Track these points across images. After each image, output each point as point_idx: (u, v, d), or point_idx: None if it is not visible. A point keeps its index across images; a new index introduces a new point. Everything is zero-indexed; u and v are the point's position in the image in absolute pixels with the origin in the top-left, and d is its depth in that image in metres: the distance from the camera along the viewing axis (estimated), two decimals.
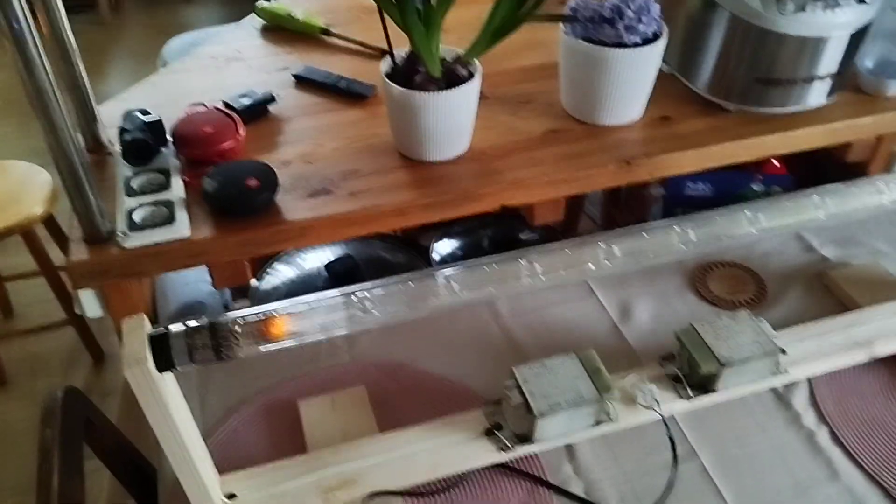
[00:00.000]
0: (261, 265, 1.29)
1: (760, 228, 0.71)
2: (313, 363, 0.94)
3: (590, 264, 0.68)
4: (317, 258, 1.30)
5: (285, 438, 0.85)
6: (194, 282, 1.14)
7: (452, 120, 1.00)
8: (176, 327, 0.61)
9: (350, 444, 0.80)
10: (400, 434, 0.81)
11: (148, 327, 0.61)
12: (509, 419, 0.81)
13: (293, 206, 0.97)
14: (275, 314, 0.63)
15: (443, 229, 1.42)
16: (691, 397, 0.83)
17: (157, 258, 0.92)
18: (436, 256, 1.37)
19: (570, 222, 1.52)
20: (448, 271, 0.66)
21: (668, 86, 1.14)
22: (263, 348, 0.62)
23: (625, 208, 1.50)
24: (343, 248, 1.30)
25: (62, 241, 1.88)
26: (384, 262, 1.32)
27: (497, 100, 1.16)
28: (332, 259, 1.24)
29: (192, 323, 0.62)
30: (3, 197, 1.75)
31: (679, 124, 1.11)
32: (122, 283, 0.97)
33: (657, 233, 0.68)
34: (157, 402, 0.60)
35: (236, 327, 0.61)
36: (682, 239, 0.70)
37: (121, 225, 0.93)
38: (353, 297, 0.65)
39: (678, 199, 1.26)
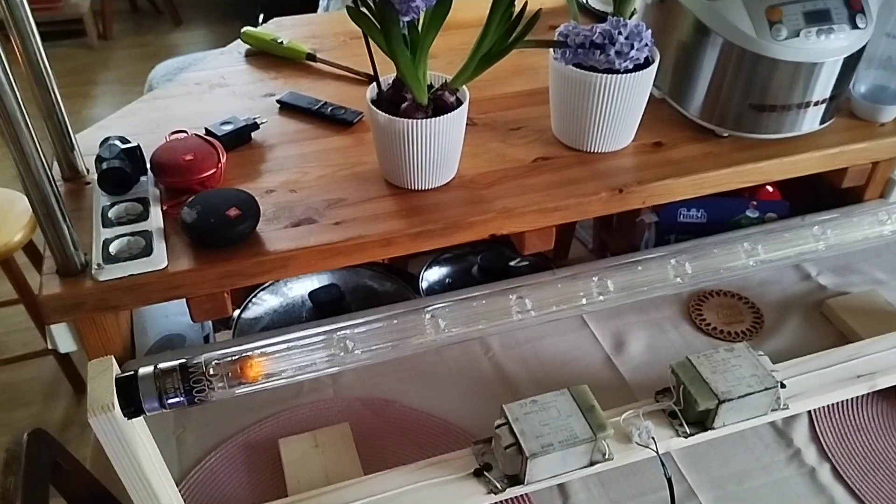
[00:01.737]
0: (244, 295, 1.26)
1: (759, 260, 0.68)
2: (296, 399, 0.90)
3: (583, 299, 0.65)
4: (302, 287, 1.27)
5: (265, 479, 0.81)
6: (174, 314, 1.10)
7: (440, 147, 0.98)
8: (145, 370, 0.58)
9: (332, 487, 0.76)
10: (385, 476, 0.77)
11: (116, 370, 0.58)
12: (499, 459, 0.77)
13: (276, 236, 0.94)
14: (251, 355, 0.59)
15: (431, 256, 1.39)
16: (688, 434, 0.80)
17: (133, 291, 0.89)
18: (424, 284, 1.34)
19: (561, 248, 1.50)
20: (434, 307, 0.63)
21: (660, 111, 1.12)
22: (238, 391, 0.59)
23: (616, 234, 1.48)
24: (328, 276, 1.27)
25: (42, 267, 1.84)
26: (371, 290, 1.29)
27: (485, 126, 1.13)
28: (317, 287, 1.21)
29: (163, 365, 0.58)
30: None
31: (671, 150, 1.09)
32: (96, 317, 0.93)
33: (652, 266, 0.66)
34: (126, 451, 0.56)
35: (209, 369, 0.58)
36: (677, 272, 0.67)
37: (96, 257, 0.89)
38: (334, 335, 0.62)
39: (671, 226, 1.24)
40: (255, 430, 0.86)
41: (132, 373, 0.57)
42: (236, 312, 1.22)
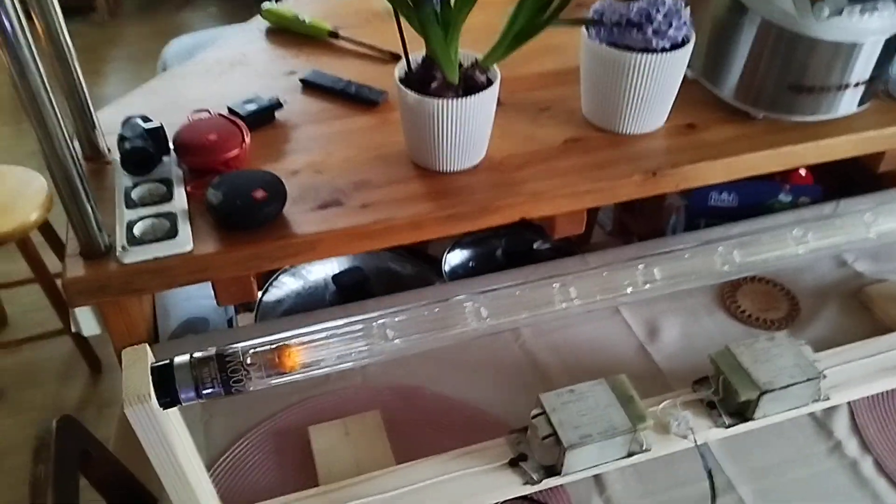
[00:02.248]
0: (265, 277, 1.24)
1: (809, 248, 0.65)
2: (324, 385, 0.89)
3: (628, 288, 0.63)
4: (324, 269, 1.25)
5: (294, 466, 0.80)
6: (197, 297, 1.09)
7: (470, 128, 0.95)
8: (181, 359, 0.56)
9: (365, 477, 0.74)
10: (418, 465, 0.76)
11: (150, 358, 0.56)
12: (535, 450, 0.76)
13: (302, 218, 0.92)
14: (289, 344, 0.58)
15: (455, 239, 1.37)
16: (728, 425, 0.78)
17: (159, 274, 0.87)
18: (447, 267, 1.32)
19: (585, 231, 1.47)
20: (476, 297, 0.61)
21: (692, 92, 1.09)
22: (276, 381, 0.57)
23: (640, 217, 1.45)
24: (351, 259, 1.25)
25: (58, 247, 1.82)
26: (394, 273, 1.27)
27: (514, 107, 1.11)
28: (340, 271, 1.19)
29: (199, 354, 0.56)
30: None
31: (705, 132, 1.06)
32: (121, 301, 0.92)
33: (700, 254, 0.63)
34: (161, 441, 0.55)
35: (247, 358, 0.56)
36: (725, 260, 0.65)
37: (120, 238, 0.88)
38: (373, 324, 0.60)
39: (701, 210, 1.21)
40: (284, 416, 0.84)
41: (167, 362, 0.56)
42: (258, 294, 1.20)
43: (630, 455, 0.75)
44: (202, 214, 0.92)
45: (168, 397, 0.55)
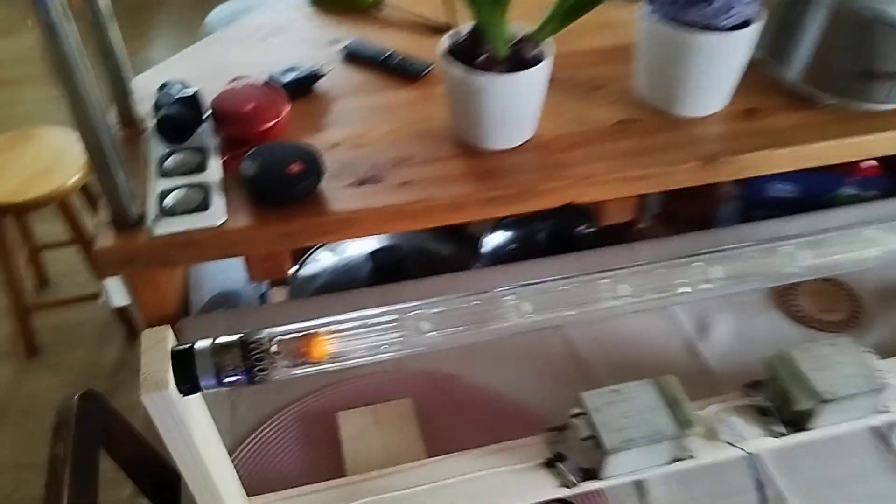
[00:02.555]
0: (302, 251, 1.21)
1: (889, 251, 0.60)
2: (355, 369, 0.85)
3: (685, 288, 0.58)
4: (361, 246, 1.22)
5: (321, 452, 0.77)
6: (230, 270, 1.06)
7: (518, 105, 0.90)
8: (202, 344, 0.53)
9: (394, 469, 0.71)
10: (450, 460, 0.72)
11: (171, 341, 0.53)
12: (574, 451, 0.71)
13: (339, 194, 0.88)
14: (317, 332, 0.54)
15: (495, 220, 1.33)
16: (783, 434, 0.73)
17: (189, 248, 0.84)
18: (486, 250, 1.27)
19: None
20: (518, 291, 0.57)
21: (755, 74, 1.02)
22: (302, 371, 0.54)
23: (689, 203, 1.39)
24: (389, 236, 1.21)
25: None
26: (431, 253, 1.23)
27: (564, 84, 1.05)
28: (377, 248, 1.15)
29: (222, 339, 0.53)
30: (39, 165, 1.70)
31: (767, 118, 1.00)
32: (150, 272, 0.89)
33: (768, 254, 0.58)
34: (180, 430, 0.52)
35: (273, 346, 0.53)
36: (792, 261, 0.59)
37: (151, 209, 0.85)
38: (408, 315, 0.56)
39: (758, 200, 1.15)
40: (312, 400, 0.81)
41: (188, 346, 0.53)
42: (292, 270, 1.17)
43: (675, 461, 0.71)
44: (236, 187, 0.88)
45: (188, 384, 0.52)
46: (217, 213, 0.85)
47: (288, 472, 0.75)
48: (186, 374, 0.52)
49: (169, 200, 0.86)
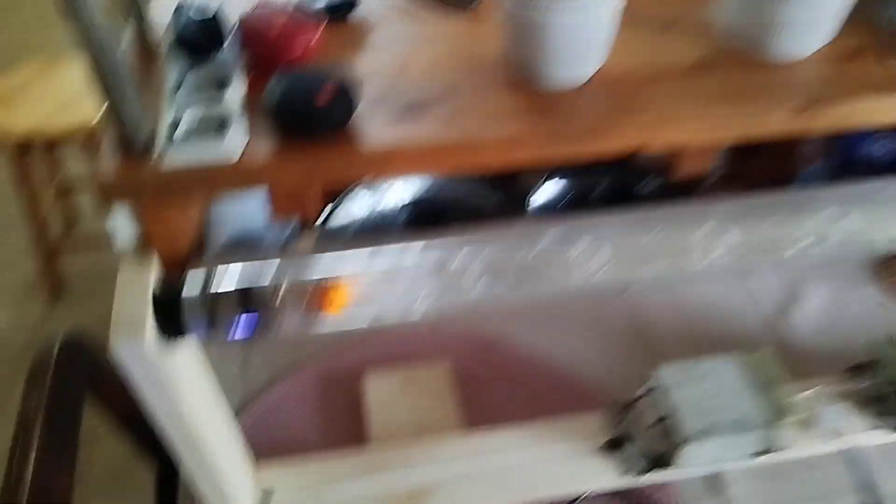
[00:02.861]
0: (332, 196, 1.10)
1: None
2: (385, 327, 0.75)
3: (797, 243, 0.46)
4: (397, 194, 1.10)
5: (342, 418, 0.67)
6: (253, 210, 0.96)
7: (583, 34, 0.78)
8: (192, 289, 0.42)
9: (426, 441, 0.61)
10: (491, 435, 0.61)
11: (155, 277, 0.43)
12: (641, 434, 0.60)
13: (375, 128, 0.77)
14: (337, 278, 0.43)
15: (546, 173, 1.20)
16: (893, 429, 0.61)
17: (203, 180, 0.73)
18: (535, 205, 1.15)
19: (700, 175, 1.28)
20: (592, 237, 0.45)
21: (861, 7, 0.87)
22: (315, 328, 0.43)
23: (761, 160, 1.24)
24: (427, 184, 1.10)
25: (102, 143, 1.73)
26: (475, 206, 1.12)
27: (637, 12, 0.91)
28: (416, 197, 1.04)
29: (219, 285, 0.43)
30: (66, 96, 1.61)
31: (878, 61, 0.85)
32: (160, 208, 0.79)
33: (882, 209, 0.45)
34: (159, 388, 0.42)
35: (280, 295, 0.42)
36: None
37: (162, 135, 0.75)
38: (453, 260, 0.45)
39: (850, 161, 1.00)
40: (335, 358, 0.71)
41: (174, 291, 0.42)
42: (321, 217, 1.07)
43: (762, 454, 0.59)
44: (259, 116, 0.77)
45: (172, 335, 0.41)
46: (235, 144, 0.74)
47: (303, 437, 0.65)
48: (171, 321, 0.42)
49: (182, 127, 0.75)
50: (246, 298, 0.41)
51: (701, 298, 0.77)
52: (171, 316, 0.41)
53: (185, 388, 0.43)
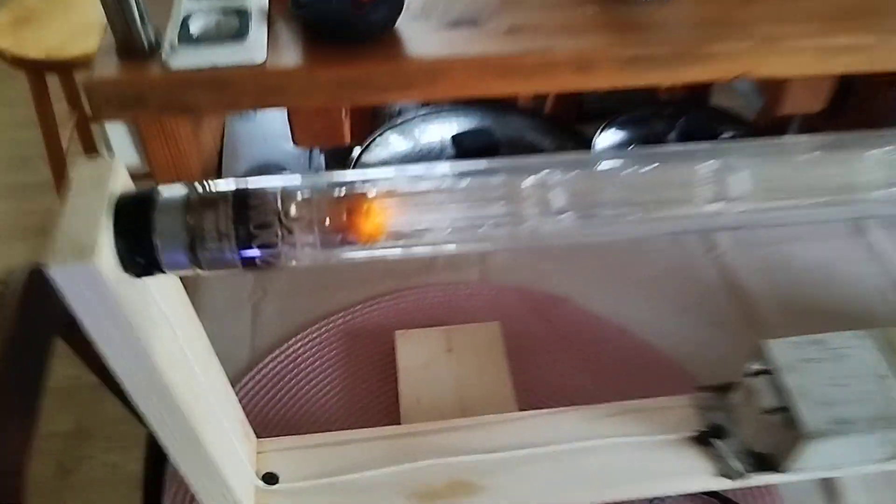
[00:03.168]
0: (366, 128, 0.98)
1: None
2: (425, 274, 0.63)
3: None
4: (441, 130, 0.98)
5: (368, 385, 0.55)
6: (276, 137, 0.84)
7: None
8: (170, 194, 0.30)
9: (469, 421, 0.49)
10: (552, 417, 0.49)
11: (121, 182, 0.31)
12: (744, 424, 0.48)
13: (423, 36, 0.64)
14: (369, 190, 0.31)
15: (609, 115, 1.07)
16: None
17: (216, 89, 0.62)
18: (597, 148, 1.02)
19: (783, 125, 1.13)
20: (718, 166, 0.33)
21: None
22: (336, 255, 0.31)
23: (851, 107, 1.09)
24: (476, 120, 0.97)
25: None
26: (529, 146, 0.99)
27: None
28: (462, 132, 0.91)
29: (208, 187, 0.31)
30: (88, 18, 1.49)
31: None
32: (166, 123, 0.67)
33: None
34: (121, 337, 0.30)
35: (290, 208, 0.30)
36: None
37: (170, 34, 0.63)
38: (527, 179, 0.33)
39: None
40: (363, 312, 0.59)
41: (145, 193, 0.30)
42: (355, 152, 0.95)
43: None
44: (286, 16, 0.65)
45: (141, 259, 0.30)
46: (257, 47, 0.62)
47: (319, 407, 0.54)
48: (138, 242, 0.30)
49: (195, 25, 0.64)
50: (246, 210, 0.29)
51: (809, 257, 0.63)
52: (136, 233, 0.29)
53: (157, 340, 0.31)
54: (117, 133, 0.67)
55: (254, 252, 0.31)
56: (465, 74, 0.63)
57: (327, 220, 0.32)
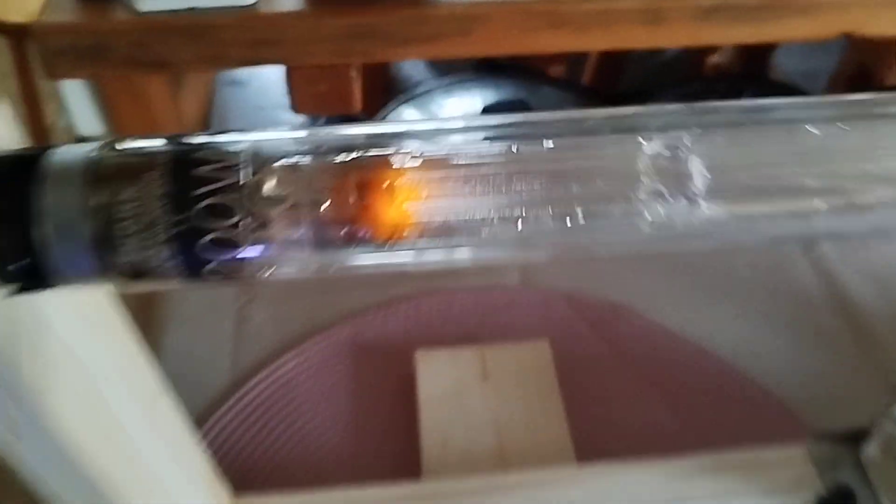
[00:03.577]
0: (378, 100, 0.85)
1: None
2: (449, 276, 0.50)
3: None
4: (464, 104, 0.85)
5: (381, 421, 0.43)
6: (273, 107, 0.72)
7: None
8: (71, 152, 0.18)
9: (515, 476, 0.37)
10: (626, 472, 0.37)
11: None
12: (885, 489, 0.35)
13: None
14: (395, 157, 0.19)
15: (647, 92, 0.94)
16: None
17: (195, 38, 0.50)
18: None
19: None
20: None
21: None
22: (338, 259, 0.19)
23: None
24: (508, 90, 0.84)
25: None
26: None
27: None
28: (494, 103, 0.79)
29: (132, 145, 0.18)
30: None
31: None
32: (135, 83, 0.55)
33: None
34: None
35: (269, 181, 0.18)
36: None
37: None
38: (648, 150, 0.20)
39: None
40: (374, 323, 0.47)
41: (29, 154, 0.18)
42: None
43: None
44: None
45: (16, 263, 0.17)
46: None
47: (318, 450, 0.42)
48: (9, 235, 0.18)
49: None
50: (191, 184, 0.17)
51: None
52: (7, 227, 0.17)
53: (57, 393, 0.19)
54: (76, 97, 0.55)
55: (203, 255, 0.19)
56: (507, 24, 0.50)
57: (325, 202, 0.20)
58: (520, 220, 0.21)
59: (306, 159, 0.20)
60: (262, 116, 0.71)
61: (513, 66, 0.85)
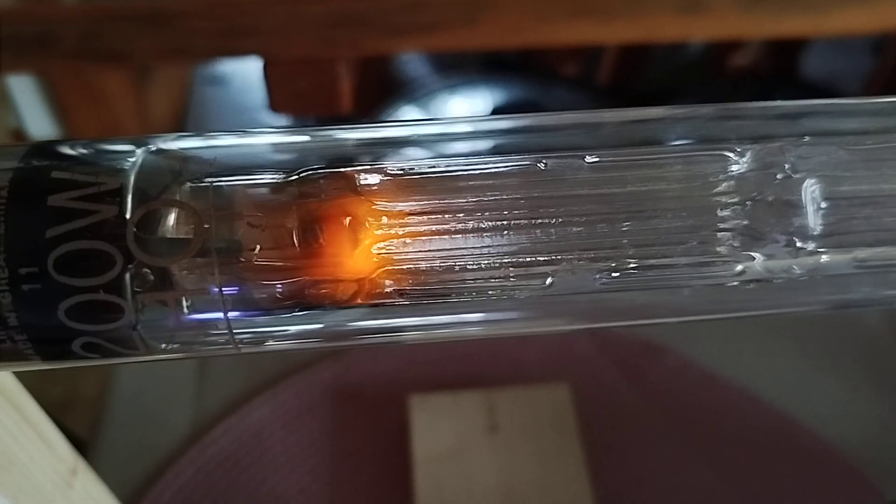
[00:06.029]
0: (374, 99, 0.78)
1: None
2: None
3: None
4: (469, 105, 0.78)
5: (368, 478, 0.36)
6: (254, 108, 0.65)
7: None
8: None
9: None
10: None
11: None
12: None
13: None
14: (363, 173, 0.12)
15: (667, 94, 0.87)
16: None
17: (156, 25, 0.43)
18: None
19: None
20: None
21: None
22: (274, 331, 0.12)
23: None
24: (516, 91, 0.78)
25: None
26: None
27: None
28: (503, 104, 0.72)
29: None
30: None
31: None
32: (90, 77, 0.48)
33: None
34: None
35: (170, 216, 0.11)
36: None
37: None
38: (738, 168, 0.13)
39: None
40: (360, 361, 0.40)
41: None
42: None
43: None
44: None
45: None
46: None
47: None
48: None
49: None
50: (43, 217, 0.10)
51: None
52: None
53: None
54: (24, 94, 0.48)
55: (70, 324, 0.12)
56: (519, 12, 0.43)
57: (253, 246, 0.13)
58: (548, 272, 0.15)
59: (228, 179, 0.13)
60: (244, 118, 0.64)
61: (522, 63, 0.78)
